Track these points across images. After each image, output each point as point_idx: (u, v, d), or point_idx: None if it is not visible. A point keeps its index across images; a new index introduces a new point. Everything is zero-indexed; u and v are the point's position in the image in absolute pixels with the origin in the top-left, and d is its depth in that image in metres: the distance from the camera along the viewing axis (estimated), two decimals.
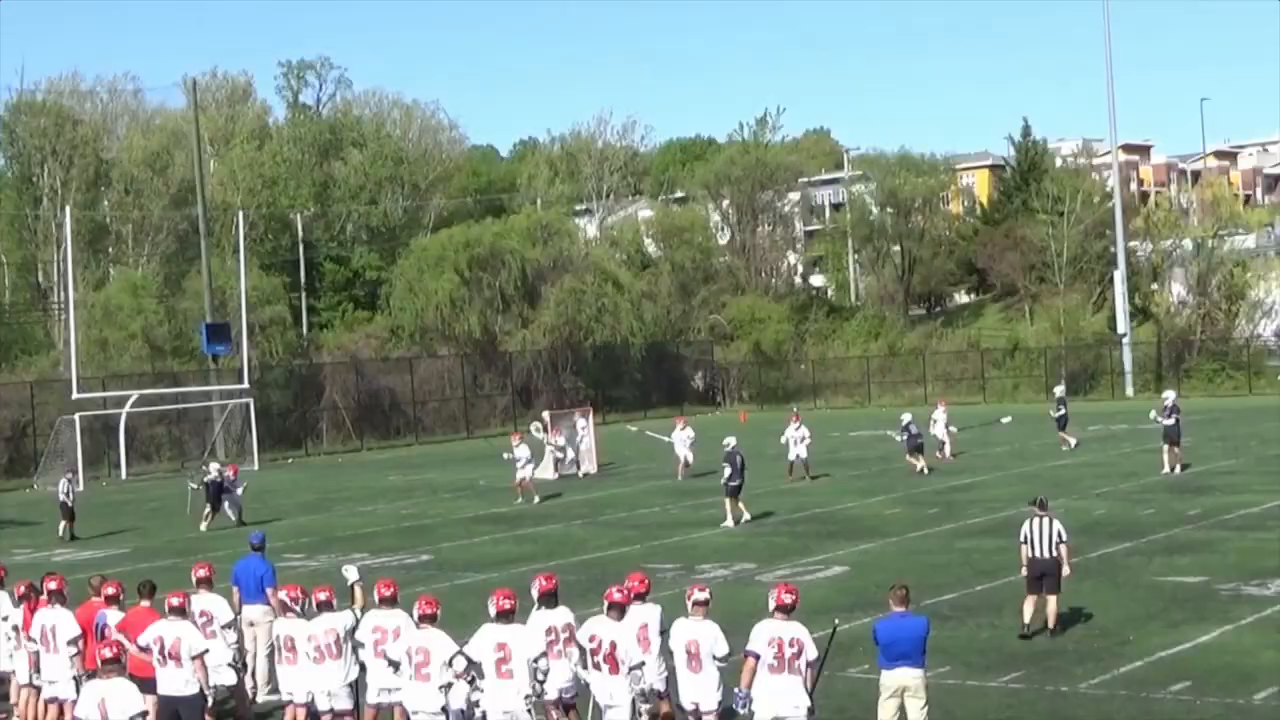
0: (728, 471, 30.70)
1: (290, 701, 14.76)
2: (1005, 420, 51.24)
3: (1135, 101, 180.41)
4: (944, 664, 16.82)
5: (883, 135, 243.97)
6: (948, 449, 42.69)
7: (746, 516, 30.73)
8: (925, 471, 38.44)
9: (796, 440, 38.84)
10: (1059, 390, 46.36)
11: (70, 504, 35.28)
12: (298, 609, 14.72)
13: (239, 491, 35.98)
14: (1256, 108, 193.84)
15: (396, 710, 13.98)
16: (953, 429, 43.51)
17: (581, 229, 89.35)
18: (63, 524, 35.25)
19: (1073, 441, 43.28)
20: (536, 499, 36.90)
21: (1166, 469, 35.62)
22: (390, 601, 14.39)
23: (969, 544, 26.25)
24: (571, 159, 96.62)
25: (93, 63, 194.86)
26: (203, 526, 34.87)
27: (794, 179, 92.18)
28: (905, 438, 39.34)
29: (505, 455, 39.07)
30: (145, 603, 15.41)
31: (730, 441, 31.27)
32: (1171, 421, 35.74)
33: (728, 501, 30.81)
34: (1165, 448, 36.11)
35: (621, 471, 44.68)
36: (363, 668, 14.40)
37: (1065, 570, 18.49)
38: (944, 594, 21.43)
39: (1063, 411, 44.02)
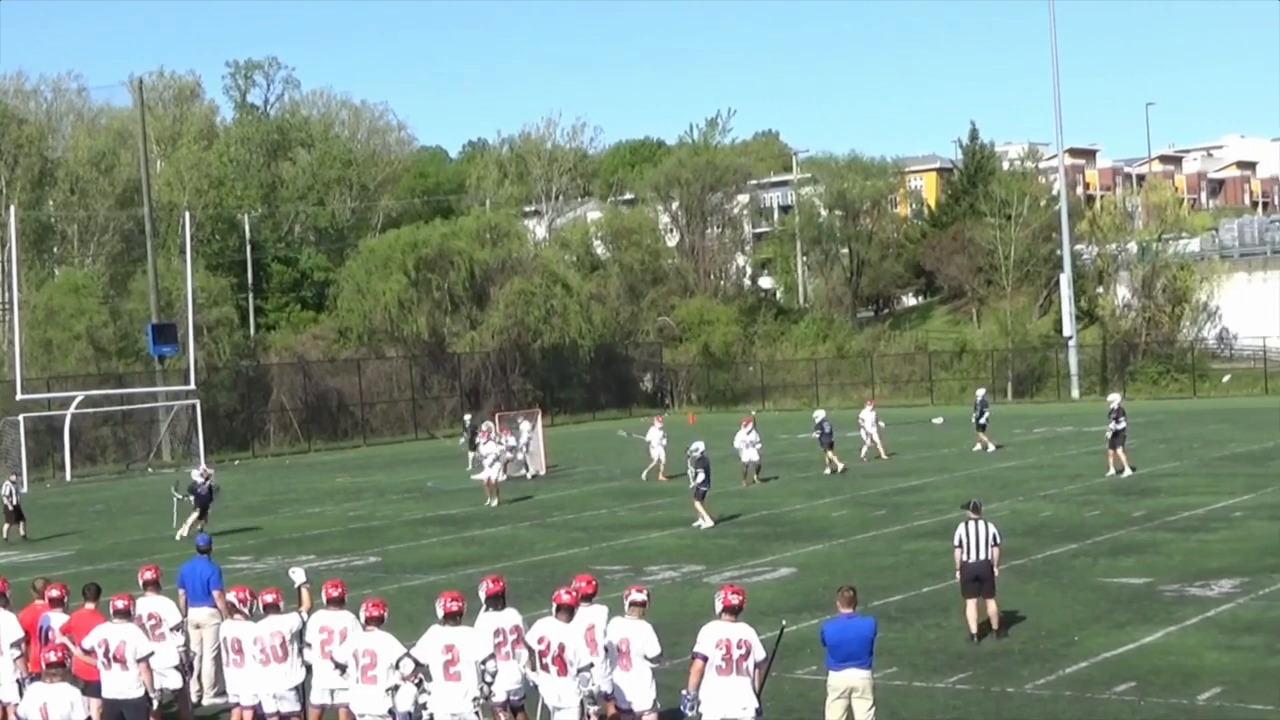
0: (701, 476, 30.65)
1: (237, 704, 14.69)
2: (937, 421, 51.70)
3: (1081, 106, 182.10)
4: (891, 665, 16.89)
5: (831, 138, 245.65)
6: (881, 448, 43.06)
7: (705, 523, 30.70)
8: (838, 470, 39.29)
9: (747, 445, 38.48)
10: (981, 392, 46.44)
11: (11, 507, 34.92)
12: (245, 610, 14.66)
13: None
14: (1201, 113, 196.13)
15: (342, 712, 13.92)
16: (881, 424, 44.02)
17: (530, 230, 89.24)
18: (6, 527, 34.95)
19: (990, 446, 43.62)
20: (494, 502, 36.44)
21: (1112, 471, 35.85)
22: (338, 603, 14.33)
23: (916, 546, 26.36)
24: (520, 160, 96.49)
25: (37, 61, 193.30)
26: (183, 532, 32.41)
27: (743, 181, 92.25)
28: (819, 435, 39.77)
29: (473, 454, 38.85)
30: (90, 605, 15.30)
31: (699, 446, 31.21)
32: (1122, 426, 35.99)
33: (698, 504, 30.73)
34: (1109, 451, 36.36)
35: (569, 474, 44.64)
36: (309, 669, 14.34)
37: (994, 571, 18.59)
38: (891, 595, 21.52)
39: (985, 414, 44.37)
